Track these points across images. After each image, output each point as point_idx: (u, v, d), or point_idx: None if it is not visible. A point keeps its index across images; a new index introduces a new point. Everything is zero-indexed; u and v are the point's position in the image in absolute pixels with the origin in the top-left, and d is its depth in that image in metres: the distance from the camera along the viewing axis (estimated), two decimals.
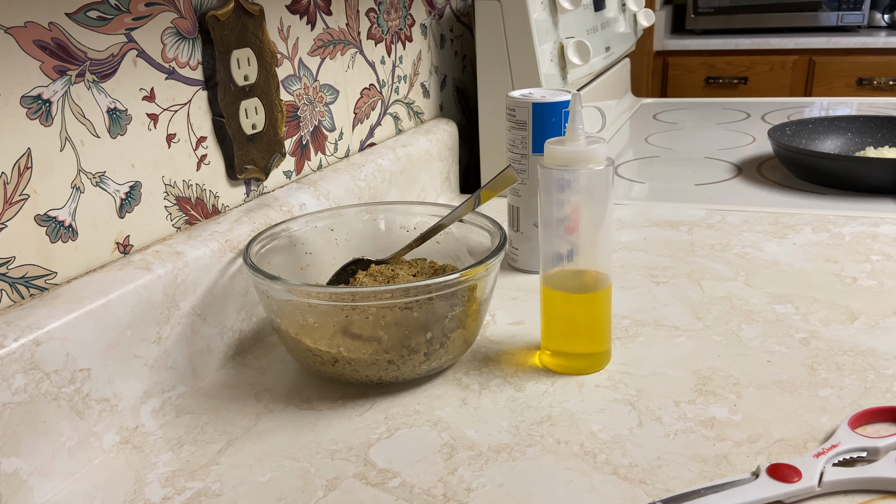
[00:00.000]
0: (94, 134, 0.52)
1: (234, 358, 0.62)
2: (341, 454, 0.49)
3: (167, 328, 0.55)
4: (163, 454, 0.50)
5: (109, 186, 0.54)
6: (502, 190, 0.61)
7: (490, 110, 1.00)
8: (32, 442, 0.45)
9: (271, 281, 0.53)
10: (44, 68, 0.48)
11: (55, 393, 0.46)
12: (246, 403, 0.56)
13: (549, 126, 0.72)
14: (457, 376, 0.58)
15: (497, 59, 0.98)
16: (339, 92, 0.82)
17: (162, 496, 0.46)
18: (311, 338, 0.55)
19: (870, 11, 2.34)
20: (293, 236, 0.65)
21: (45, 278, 0.50)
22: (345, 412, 0.54)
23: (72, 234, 0.52)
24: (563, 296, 0.57)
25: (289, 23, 0.72)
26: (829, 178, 0.98)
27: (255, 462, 0.49)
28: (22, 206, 0.48)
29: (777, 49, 2.30)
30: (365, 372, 0.55)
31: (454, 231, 0.66)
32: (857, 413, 0.49)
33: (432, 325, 0.54)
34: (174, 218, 0.60)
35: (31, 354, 0.44)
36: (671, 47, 2.41)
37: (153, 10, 0.56)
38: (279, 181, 0.73)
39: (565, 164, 0.54)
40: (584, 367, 0.58)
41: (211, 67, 0.62)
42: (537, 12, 0.97)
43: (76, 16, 0.50)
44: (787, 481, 0.43)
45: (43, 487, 0.46)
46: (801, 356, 0.58)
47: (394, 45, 0.93)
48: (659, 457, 0.47)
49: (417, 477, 0.47)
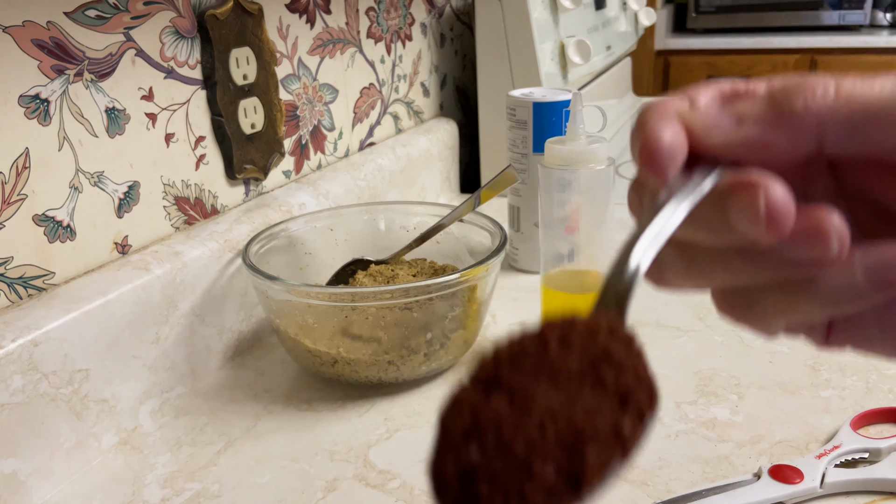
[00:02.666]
0: (93, 133, 0.52)
1: (233, 359, 0.62)
2: (341, 455, 0.49)
3: (166, 329, 0.54)
4: (161, 455, 0.50)
5: (108, 186, 0.54)
6: (502, 190, 0.61)
7: (490, 109, 1.00)
8: (30, 443, 0.45)
9: (270, 281, 0.53)
10: (42, 67, 0.48)
11: (53, 394, 0.46)
12: (245, 404, 0.56)
13: (549, 125, 0.72)
14: (457, 377, 0.58)
15: (497, 58, 0.98)
16: (339, 91, 0.82)
17: (161, 497, 0.46)
18: (311, 338, 0.54)
19: (872, 10, 2.33)
20: (292, 236, 0.64)
21: (43, 278, 0.50)
22: (344, 413, 0.54)
23: (70, 234, 0.51)
24: (563, 296, 0.57)
25: (288, 22, 0.72)
26: None
27: (255, 463, 0.49)
28: (20, 206, 0.48)
29: (779, 48, 2.30)
30: (365, 373, 0.55)
31: (454, 231, 0.66)
32: (859, 414, 0.49)
33: (432, 325, 0.54)
34: (173, 218, 0.60)
35: (29, 355, 0.44)
36: (672, 46, 2.40)
37: (152, 9, 0.56)
38: (278, 181, 0.73)
39: (566, 163, 0.53)
40: None
41: (210, 67, 0.62)
42: (538, 11, 0.97)
43: (74, 15, 0.50)
44: (789, 482, 0.43)
45: (41, 488, 0.46)
46: (803, 357, 0.58)
47: (393, 44, 0.93)
48: (660, 458, 0.47)
49: (417, 478, 0.46)
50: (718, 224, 0.21)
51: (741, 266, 0.22)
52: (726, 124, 0.22)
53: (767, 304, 0.23)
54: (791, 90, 0.21)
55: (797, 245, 0.21)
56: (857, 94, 0.21)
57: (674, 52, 2.41)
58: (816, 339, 0.25)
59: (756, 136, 0.21)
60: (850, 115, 0.21)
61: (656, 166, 0.21)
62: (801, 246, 0.21)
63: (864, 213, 0.24)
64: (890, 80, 0.21)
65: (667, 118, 0.22)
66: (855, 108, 0.21)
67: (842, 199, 0.24)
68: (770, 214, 0.20)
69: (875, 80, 0.21)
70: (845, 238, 0.20)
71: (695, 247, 0.23)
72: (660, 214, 0.21)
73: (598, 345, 0.19)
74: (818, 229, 0.20)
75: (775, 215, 0.20)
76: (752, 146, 0.22)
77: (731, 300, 0.24)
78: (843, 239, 0.20)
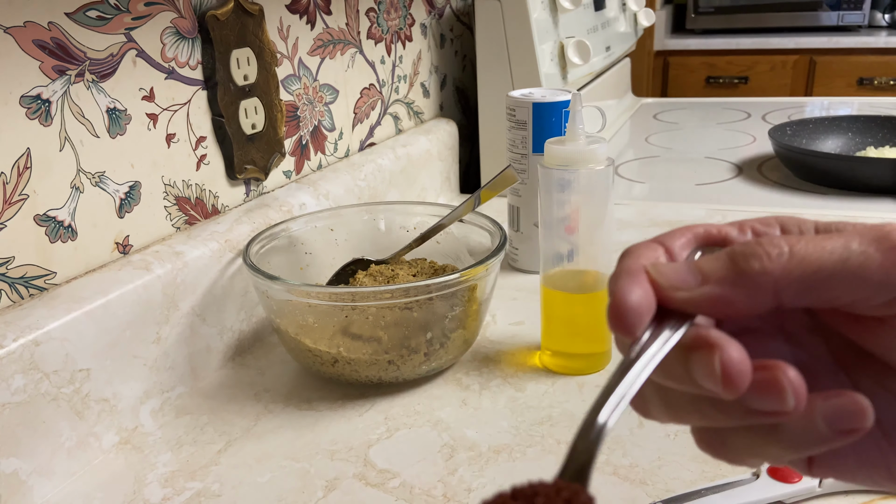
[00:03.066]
0: (94, 134, 0.52)
1: (233, 358, 0.62)
2: (341, 454, 0.49)
3: (167, 328, 0.55)
4: (162, 454, 0.50)
5: (109, 186, 0.54)
6: (502, 190, 0.61)
7: (490, 110, 1.00)
8: (32, 442, 0.45)
9: (271, 281, 0.53)
10: (43, 68, 0.48)
11: (54, 393, 0.46)
12: (245, 404, 0.56)
13: (549, 126, 0.72)
14: (457, 377, 0.58)
15: (497, 58, 0.98)
16: (339, 92, 0.82)
17: (161, 497, 0.46)
18: (311, 338, 0.55)
19: (870, 11, 2.34)
20: (293, 236, 0.65)
21: (44, 278, 0.50)
22: (344, 412, 0.54)
23: (71, 234, 0.51)
24: (563, 296, 0.57)
25: (288, 22, 0.72)
26: (829, 178, 0.98)
27: (255, 462, 0.49)
28: (21, 206, 0.48)
29: (778, 49, 2.30)
30: (365, 372, 0.55)
31: (454, 231, 0.66)
32: None
33: (432, 325, 0.54)
34: (174, 218, 0.60)
35: (30, 355, 0.44)
36: (672, 47, 2.40)
37: (153, 10, 0.56)
38: (279, 181, 0.73)
39: (566, 163, 0.54)
40: (585, 368, 0.57)
41: (210, 67, 0.62)
42: (537, 12, 0.97)
43: (76, 15, 0.50)
44: (788, 481, 0.43)
45: (42, 488, 0.46)
46: None
47: (394, 44, 0.93)
48: (659, 457, 0.47)
49: (417, 477, 0.47)
50: (683, 377, 0.23)
51: (711, 412, 0.24)
52: (691, 282, 0.24)
53: (739, 444, 0.24)
54: (748, 254, 0.23)
55: (756, 398, 0.22)
56: (809, 256, 0.22)
57: (673, 52, 2.41)
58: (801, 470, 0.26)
59: (717, 294, 0.23)
60: (802, 277, 0.22)
61: (624, 326, 0.23)
62: (760, 399, 0.22)
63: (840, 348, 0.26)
64: (840, 240, 0.22)
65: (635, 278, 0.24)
66: (808, 270, 0.22)
67: (817, 334, 0.26)
68: (725, 374, 0.22)
69: (826, 240, 0.23)
70: (801, 391, 0.22)
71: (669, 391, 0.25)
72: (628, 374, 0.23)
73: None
74: (774, 384, 0.22)
75: (731, 375, 0.22)
76: (714, 303, 0.23)
77: (706, 438, 0.26)
78: (800, 392, 0.22)
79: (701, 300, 0.23)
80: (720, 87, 2.38)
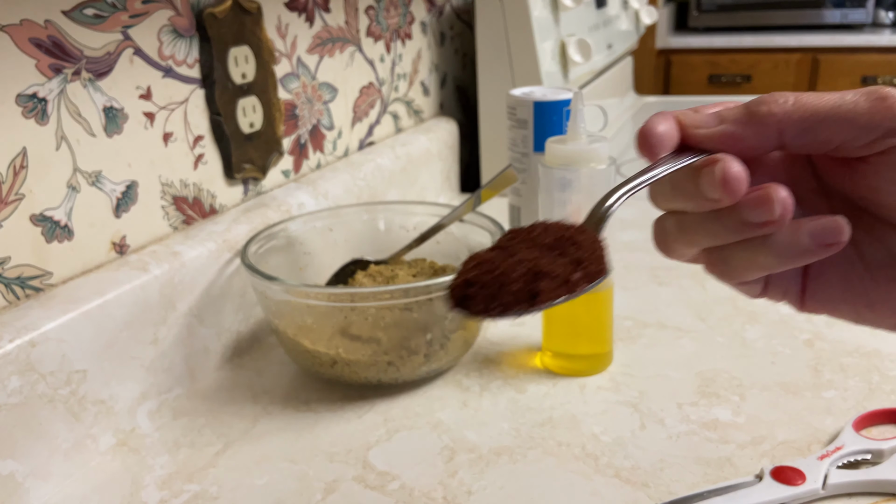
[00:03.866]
0: (90, 133, 0.52)
1: (231, 359, 0.62)
2: (340, 457, 0.49)
3: (164, 329, 0.54)
4: (159, 457, 0.50)
5: (105, 186, 0.54)
6: (503, 189, 0.61)
7: (491, 109, 1.00)
8: (28, 444, 0.45)
9: (269, 281, 0.53)
10: (39, 66, 0.48)
11: (51, 394, 0.46)
12: (244, 405, 0.55)
13: (550, 125, 0.71)
14: (457, 378, 0.57)
15: (498, 56, 0.97)
16: (338, 90, 0.82)
17: (159, 499, 0.46)
18: (310, 339, 0.54)
19: (874, 9, 2.33)
20: (291, 236, 0.64)
21: (40, 279, 0.49)
22: (343, 414, 0.54)
23: (67, 234, 0.51)
24: None
25: (287, 20, 0.72)
26: None
27: (253, 465, 0.48)
28: (17, 206, 0.47)
29: (781, 47, 2.29)
30: (364, 373, 0.54)
31: (454, 231, 0.65)
32: (862, 415, 0.49)
33: (432, 326, 0.54)
34: (171, 218, 0.60)
35: (26, 356, 0.44)
36: (674, 45, 2.40)
37: (150, 8, 0.56)
38: (277, 181, 0.73)
39: (567, 163, 0.53)
40: (586, 369, 0.57)
41: (208, 65, 0.61)
42: (538, 9, 0.97)
43: (72, 13, 0.49)
44: (792, 484, 0.42)
45: (38, 490, 0.45)
46: (805, 357, 0.58)
47: (393, 42, 0.92)
48: (661, 459, 0.47)
49: (417, 480, 0.46)
50: (694, 192, 0.28)
51: (714, 228, 0.29)
52: (710, 122, 0.29)
53: (738, 258, 0.29)
54: (759, 100, 0.28)
55: (750, 209, 0.27)
56: (808, 102, 0.27)
57: (675, 50, 2.40)
58: (794, 304, 0.32)
59: (731, 131, 0.28)
60: (802, 117, 0.27)
61: (647, 148, 0.29)
62: (753, 210, 0.27)
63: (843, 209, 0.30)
64: (836, 93, 0.27)
65: (664, 116, 0.29)
66: (806, 112, 0.27)
67: (823, 196, 0.32)
68: (725, 180, 0.27)
69: (826, 93, 0.27)
70: (788, 204, 0.27)
71: (683, 215, 0.30)
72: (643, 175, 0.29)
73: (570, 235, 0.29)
74: (765, 196, 0.27)
75: (729, 181, 0.27)
76: (728, 139, 0.28)
77: (712, 259, 0.31)
78: (786, 204, 0.27)
79: (717, 135, 0.28)
80: (723, 86, 2.37)
